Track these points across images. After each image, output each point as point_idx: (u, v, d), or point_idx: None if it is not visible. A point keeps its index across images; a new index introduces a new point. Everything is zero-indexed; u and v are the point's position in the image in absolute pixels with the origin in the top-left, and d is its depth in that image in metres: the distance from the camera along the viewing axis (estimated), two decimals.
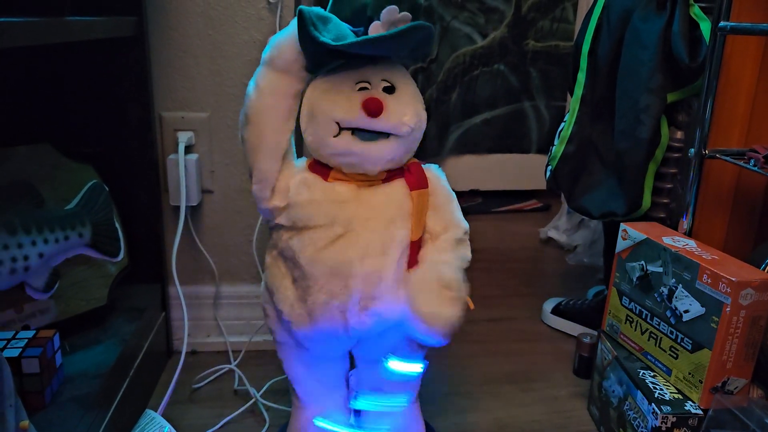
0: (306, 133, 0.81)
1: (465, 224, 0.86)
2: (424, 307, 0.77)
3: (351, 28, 0.80)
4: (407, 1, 0.78)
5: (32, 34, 0.74)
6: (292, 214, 0.80)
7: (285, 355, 0.91)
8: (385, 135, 0.79)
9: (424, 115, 0.83)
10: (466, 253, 0.86)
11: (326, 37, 0.74)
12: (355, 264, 0.78)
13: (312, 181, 0.80)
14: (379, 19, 0.77)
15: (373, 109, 0.76)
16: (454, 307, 0.76)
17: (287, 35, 0.79)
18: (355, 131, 0.78)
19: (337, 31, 0.77)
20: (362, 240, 0.79)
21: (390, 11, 0.76)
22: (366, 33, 0.78)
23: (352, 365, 0.95)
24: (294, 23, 0.77)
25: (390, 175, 0.82)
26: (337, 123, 0.78)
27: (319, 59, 0.78)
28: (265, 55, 0.80)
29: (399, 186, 0.82)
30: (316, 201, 0.79)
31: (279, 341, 0.89)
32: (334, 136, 0.78)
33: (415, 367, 0.87)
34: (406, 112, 0.79)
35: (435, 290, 0.77)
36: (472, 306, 0.85)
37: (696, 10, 1.05)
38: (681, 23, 1.03)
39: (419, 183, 0.82)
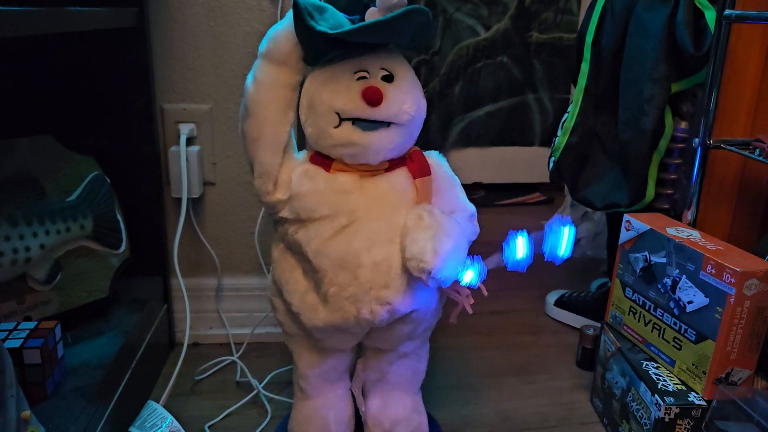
0: (306, 125, 0.81)
1: (471, 207, 0.87)
2: (408, 248, 0.75)
3: (347, 16, 0.79)
4: None
5: (32, 23, 0.74)
6: (296, 205, 0.79)
7: (295, 347, 0.91)
8: (386, 124, 0.78)
9: (423, 102, 0.82)
10: (474, 229, 0.86)
11: (323, 27, 0.73)
12: (362, 254, 0.78)
13: (314, 172, 0.80)
14: (375, 6, 0.76)
15: (373, 98, 0.76)
16: (431, 239, 0.75)
17: (283, 27, 0.78)
18: (356, 121, 0.77)
19: (333, 20, 0.76)
20: (367, 230, 0.78)
21: None
22: (362, 20, 0.78)
23: (358, 354, 0.95)
24: (290, 15, 0.76)
25: (392, 164, 0.82)
26: (337, 113, 0.77)
27: (317, 50, 0.77)
28: (262, 48, 0.79)
29: (402, 174, 0.82)
30: (319, 192, 0.79)
31: (289, 333, 0.89)
32: (335, 127, 0.78)
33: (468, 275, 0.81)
34: (406, 100, 0.79)
35: (413, 229, 0.77)
36: (485, 292, 0.84)
37: None
38: (685, 12, 1.02)
39: (422, 170, 0.82)
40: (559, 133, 1.24)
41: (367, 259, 0.78)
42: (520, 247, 0.78)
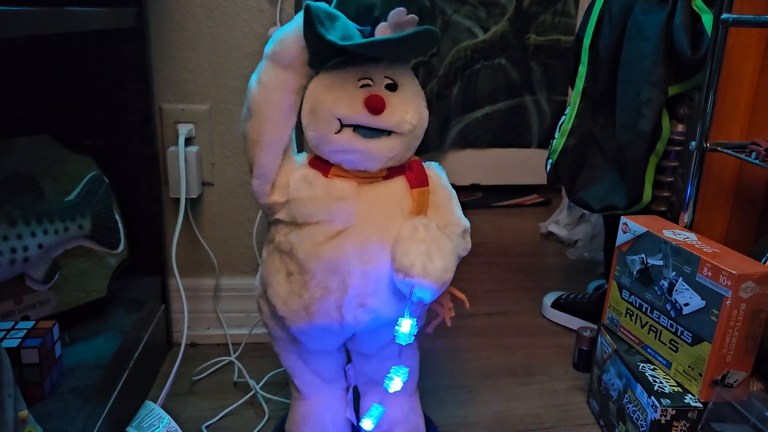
0: (307, 128, 0.81)
1: (465, 222, 0.86)
2: (398, 258, 0.76)
3: (357, 26, 0.79)
4: (414, 1, 0.78)
5: (32, 23, 0.74)
6: (293, 209, 0.79)
7: (281, 349, 0.91)
8: (387, 133, 0.78)
9: (425, 113, 0.82)
10: (466, 245, 0.86)
11: (333, 36, 0.73)
12: (353, 260, 0.78)
13: (312, 177, 0.80)
14: (386, 20, 0.77)
15: (376, 106, 0.76)
16: (422, 254, 0.75)
17: (292, 30, 0.78)
18: (357, 128, 0.77)
19: (343, 30, 0.76)
20: (361, 236, 0.78)
21: (398, 13, 0.76)
22: (372, 33, 0.78)
23: (349, 359, 0.95)
24: (298, 18, 0.76)
25: (391, 172, 0.82)
26: (339, 119, 0.77)
27: (323, 55, 0.78)
28: (269, 49, 0.79)
29: (400, 183, 0.82)
30: (317, 197, 0.79)
31: (274, 336, 0.89)
32: (336, 133, 0.78)
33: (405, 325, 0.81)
34: (408, 110, 0.79)
35: (406, 239, 0.77)
36: (467, 305, 0.84)
37: (698, 3, 1.04)
38: (683, 16, 1.03)
39: (420, 181, 0.82)
40: (556, 135, 1.24)
41: (357, 265, 0.78)
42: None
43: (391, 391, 0.82)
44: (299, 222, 0.79)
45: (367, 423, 0.86)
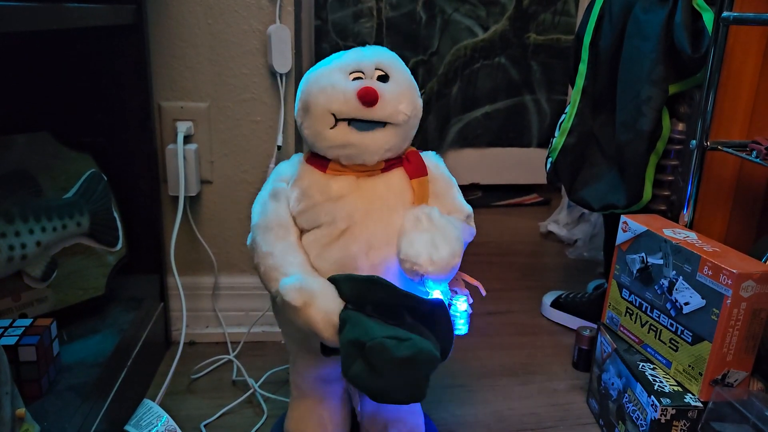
0: (302, 126, 0.81)
1: (468, 208, 0.86)
2: (404, 250, 0.76)
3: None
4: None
5: (30, 19, 0.73)
6: (298, 221, 0.81)
7: (294, 348, 0.91)
8: (382, 124, 0.78)
9: (419, 102, 0.83)
10: (471, 230, 0.86)
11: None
12: (360, 257, 0.78)
13: (308, 185, 0.81)
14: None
15: (369, 98, 0.76)
16: (427, 243, 0.75)
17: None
18: (352, 122, 0.78)
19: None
20: (365, 233, 0.79)
21: None
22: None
23: None
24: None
25: (389, 164, 0.82)
26: (333, 115, 0.77)
27: None
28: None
29: (398, 175, 0.82)
30: (317, 204, 0.80)
31: (288, 335, 0.89)
32: (331, 128, 0.78)
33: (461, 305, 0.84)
34: (402, 100, 0.79)
35: (409, 230, 0.77)
36: (483, 291, 0.84)
37: (698, 1, 1.04)
38: (683, 14, 1.02)
39: (418, 171, 0.82)
40: (556, 134, 1.24)
41: (364, 262, 0.78)
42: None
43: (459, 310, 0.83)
44: (307, 229, 0.81)
45: (461, 304, 0.85)
